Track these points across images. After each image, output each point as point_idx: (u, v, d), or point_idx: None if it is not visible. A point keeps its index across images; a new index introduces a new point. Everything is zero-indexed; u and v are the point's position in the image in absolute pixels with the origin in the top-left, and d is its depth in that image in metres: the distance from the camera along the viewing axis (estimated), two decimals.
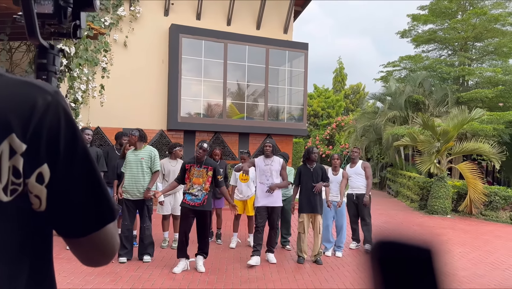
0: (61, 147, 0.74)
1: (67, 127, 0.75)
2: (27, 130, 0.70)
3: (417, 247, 0.50)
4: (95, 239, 0.81)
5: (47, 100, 0.73)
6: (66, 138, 0.75)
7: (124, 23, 10.33)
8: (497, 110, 16.92)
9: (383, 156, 18.94)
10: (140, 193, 5.59)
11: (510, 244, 8.37)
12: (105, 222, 0.82)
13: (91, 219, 0.80)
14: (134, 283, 4.82)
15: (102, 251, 0.85)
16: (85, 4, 0.90)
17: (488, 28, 17.81)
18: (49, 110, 0.73)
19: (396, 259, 0.51)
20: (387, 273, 0.51)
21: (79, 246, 0.83)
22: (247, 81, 11.74)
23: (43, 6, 0.84)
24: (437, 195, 11.57)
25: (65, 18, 0.88)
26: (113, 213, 0.83)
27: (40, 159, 0.72)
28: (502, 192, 11.36)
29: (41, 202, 0.74)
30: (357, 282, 5.32)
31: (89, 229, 0.80)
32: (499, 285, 5.56)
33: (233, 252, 6.52)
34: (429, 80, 18.19)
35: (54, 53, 0.88)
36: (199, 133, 11.14)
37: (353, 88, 32.74)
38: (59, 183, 0.75)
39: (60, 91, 0.79)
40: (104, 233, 0.82)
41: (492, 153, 12.20)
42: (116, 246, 0.87)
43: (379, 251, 0.52)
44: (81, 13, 0.92)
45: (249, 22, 11.84)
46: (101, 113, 9.37)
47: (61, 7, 0.86)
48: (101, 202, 0.81)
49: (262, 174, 5.88)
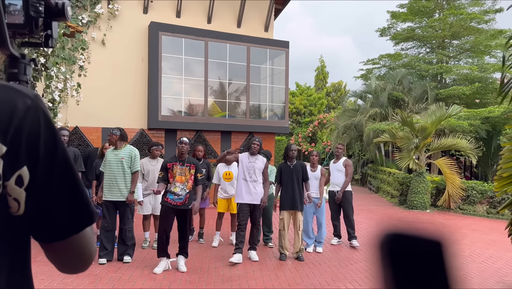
0: (40, 150, 0.75)
1: (47, 131, 0.76)
2: (7, 133, 0.71)
3: (428, 240, 0.50)
4: (73, 243, 0.81)
5: (27, 103, 0.74)
6: (46, 141, 0.76)
7: (102, 21, 10.17)
8: (474, 107, 17.32)
9: (364, 153, 19.19)
10: (121, 194, 5.52)
11: (487, 237, 8.59)
12: (84, 225, 0.82)
13: (70, 222, 0.80)
14: (114, 285, 4.76)
15: (80, 256, 0.85)
16: (56, 14, 0.90)
17: (464, 26, 18.20)
18: (29, 114, 0.74)
19: (407, 252, 0.50)
20: (397, 266, 0.50)
21: (57, 251, 0.83)
22: (229, 79, 11.70)
23: (13, 16, 0.84)
24: (416, 190, 11.78)
25: (36, 28, 0.87)
26: (92, 216, 0.83)
27: (20, 161, 0.73)
28: (479, 187, 11.64)
29: (19, 206, 0.74)
30: (338, 277, 5.38)
31: (68, 232, 0.80)
32: (475, 277, 5.70)
33: (215, 250, 6.50)
34: (408, 78, 18.49)
35: (25, 62, 0.88)
36: (181, 132, 11.06)
37: (335, 86, 32.96)
38: (38, 186, 0.75)
39: (40, 96, 0.79)
40: (82, 237, 0.82)
41: (469, 148, 12.47)
42: (93, 251, 0.87)
43: (389, 244, 0.51)
44: (52, 22, 0.92)
45: (230, 20, 11.80)
46: (80, 112, 9.21)
47: (32, 18, 0.86)
48: (80, 205, 0.81)
49: (245, 170, 5.87)
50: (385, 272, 0.50)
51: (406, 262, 0.50)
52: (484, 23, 18.48)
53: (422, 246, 0.50)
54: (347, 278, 5.38)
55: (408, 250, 0.50)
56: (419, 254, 0.50)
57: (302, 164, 6.27)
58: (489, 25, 18.60)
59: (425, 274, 0.49)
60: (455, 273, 0.48)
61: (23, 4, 0.85)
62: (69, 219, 0.79)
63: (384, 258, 0.51)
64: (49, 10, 0.89)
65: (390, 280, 0.50)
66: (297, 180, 6.11)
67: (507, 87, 3.98)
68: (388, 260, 0.50)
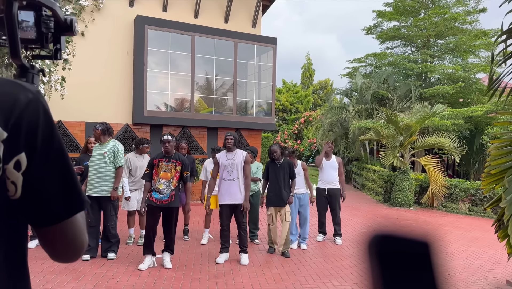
0: (38, 139, 0.82)
1: (45, 122, 0.83)
2: (9, 121, 0.78)
3: (415, 241, 0.50)
4: (65, 228, 0.87)
5: (29, 97, 0.82)
6: (44, 131, 0.82)
7: (87, 14, 9.98)
8: (458, 106, 17.59)
9: (349, 150, 19.32)
10: (102, 190, 5.42)
11: (469, 234, 8.74)
12: (75, 210, 0.88)
13: (62, 206, 0.86)
14: (98, 282, 4.68)
15: (71, 242, 0.89)
16: (65, 30, 0.99)
17: (448, 26, 18.43)
18: (29, 106, 0.81)
19: (394, 253, 0.51)
20: (384, 267, 0.50)
21: (49, 236, 0.88)
22: (216, 75, 11.63)
23: (26, 32, 0.93)
24: (400, 187, 11.92)
25: (47, 42, 0.97)
26: (83, 203, 0.89)
27: (19, 147, 0.79)
28: (461, 185, 11.83)
29: (16, 189, 0.80)
30: (323, 274, 5.39)
31: (60, 216, 0.86)
32: (459, 273, 5.79)
33: (203, 247, 6.46)
34: (393, 76, 18.66)
35: (34, 72, 0.96)
36: (166, 128, 10.95)
37: (322, 83, 33.13)
38: (34, 171, 0.81)
39: (41, 92, 0.86)
40: (74, 223, 0.88)
41: (453, 147, 12.66)
42: (84, 241, 0.92)
43: (376, 245, 0.51)
44: (61, 37, 1.00)
45: (217, 15, 11.71)
46: (63, 106, 9.03)
47: (43, 33, 0.95)
48: (72, 192, 0.87)
49: (224, 169, 5.65)
50: (373, 272, 0.51)
51: (394, 263, 0.50)
52: (468, 24, 18.75)
53: (409, 247, 0.50)
54: (332, 274, 5.41)
55: (395, 251, 0.51)
56: (407, 255, 0.50)
57: (289, 162, 6.24)
58: (473, 25, 18.88)
59: (412, 275, 0.50)
60: (442, 273, 0.49)
61: (35, 21, 0.94)
62: (61, 204, 0.85)
63: (372, 259, 0.51)
64: (58, 25, 0.97)
65: (378, 280, 0.50)
66: (284, 177, 6.09)
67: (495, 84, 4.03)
68: (376, 261, 0.51)
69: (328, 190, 7.14)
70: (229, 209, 5.67)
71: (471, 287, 5.22)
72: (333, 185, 7.15)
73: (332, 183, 7.15)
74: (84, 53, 9.63)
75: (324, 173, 7.23)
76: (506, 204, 3.81)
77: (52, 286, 4.45)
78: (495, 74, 4.22)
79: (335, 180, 7.17)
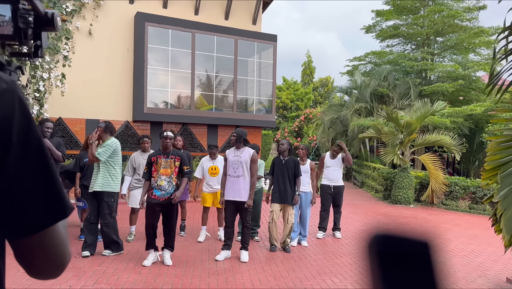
0: (13, 134, 0.71)
1: (22, 116, 0.73)
2: None
3: (415, 241, 0.50)
4: (44, 239, 0.75)
5: (2, 87, 0.72)
6: (20, 126, 0.72)
7: (87, 11, 9.95)
8: (458, 103, 17.58)
9: (349, 148, 19.31)
10: (97, 184, 5.42)
11: (469, 232, 8.75)
12: (56, 219, 0.76)
13: (41, 213, 0.74)
14: (98, 278, 4.69)
15: (51, 256, 0.77)
16: (46, 24, 0.90)
17: (448, 24, 18.39)
18: (3, 97, 0.71)
19: (395, 253, 0.51)
20: (385, 267, 0.51)
21: (26, 248, 0.76)
22: (216, 72, 11.61)
23: (2, 27, 0.85)
24: (401, 185, 11.92)
25: (25, 39, 0.87)
26: (66, 210, 0.77)
27: None
28: (461, 182, 11.84)
29: None
30: (323, 271, 5.40)
31: (39, 224, 0.74)
32: (458, 271, 5.80)
33: (202, 244, 6.47)
34: (393, 74, 18.64)
35: (11, 69, 0.86)
36: (167, 125, 10.94)
37: (322, 81, 33.12)
38: (9, 172, 0.71)
39: (17, 82, 0.77)
40: (55, 233, 0.76)
41: (453, 144, 12.66)
42: (67, 254, 0.80)
43: (377, 245, 0.51)
44: (42, 33, 0.91)
45: (217, 12, 11.69)
46: (63, 103, 9.03)
47: (21, 29, 0.85)
48: (53, 196, 0.76)
49: (230, 165, 5.68)
50: (373, 272, 0.51)
51: (394, 263, 0.50)
52: (467, 21, 18.70)
53: (410, 247, 0.50)
54: (332, 271, 5.41)
55: (396, 251, 0.51)
56: (407, 255, 0.50)
57: (294, 160, 6.23)
58: (472, 22, 18.84)
59: (412, 275, 0.50)
60: (442, 273, 0.49)
61: (12, 16, 0.84)
62: (40, 210, 0.74)
63: (372, 259, 0.51)
64: (38, 20, 0.88)
65: (378, 280, 0.50)
66: (288, 175, 6.09)
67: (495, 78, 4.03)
68: (376, 261, 0.51)
69: (333, 187, 7.35)
70: (233, 205, 5.67)
71: (470, 285, 5.23)
72: (338, 182, 7.39)
73: (337, 180, 7.39)
74: (84, 50, 9.62)
75: (330, 171, 7.43)
76: (499, 199, 3.82)
77: (52, 283, 4.45)
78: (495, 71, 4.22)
79: (340, 178, 7.41)
